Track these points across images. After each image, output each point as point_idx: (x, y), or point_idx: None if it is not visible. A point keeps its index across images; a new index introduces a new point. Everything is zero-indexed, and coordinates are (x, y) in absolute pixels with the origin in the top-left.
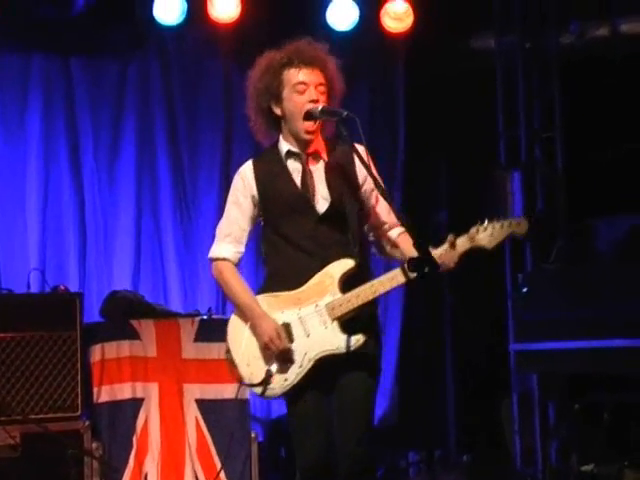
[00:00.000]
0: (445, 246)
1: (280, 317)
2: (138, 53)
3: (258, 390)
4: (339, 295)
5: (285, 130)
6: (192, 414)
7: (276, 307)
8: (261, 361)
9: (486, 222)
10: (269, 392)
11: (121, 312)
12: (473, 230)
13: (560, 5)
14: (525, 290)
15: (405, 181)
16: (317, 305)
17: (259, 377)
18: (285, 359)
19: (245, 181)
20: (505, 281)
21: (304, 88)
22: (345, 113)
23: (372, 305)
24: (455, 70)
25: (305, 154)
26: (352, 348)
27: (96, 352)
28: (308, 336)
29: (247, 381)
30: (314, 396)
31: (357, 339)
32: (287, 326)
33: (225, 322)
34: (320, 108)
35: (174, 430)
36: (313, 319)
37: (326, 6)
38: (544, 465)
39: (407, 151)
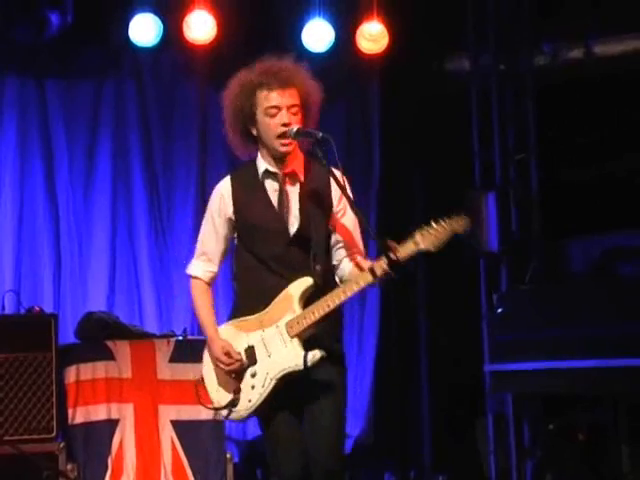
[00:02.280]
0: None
1: (245, 340)
2: (113, 74)
3: (224, 413)
4: (298, 313)
5: (262, 149)
6: (167, 435)
7: (243, 330)
8: (228, 385)
9: (432, 224)
10: (234, 415)
11: (96, 333)
12: (417, 235)
13: (534, 27)
14: (500, 310)
15: (380, 201)
16: (277, 325)
17: (225, 400)
18: (249, 381)
19: (222, 201)
20: (480, 301)
21: (276, 111)
22: (320, 134)
23: (333, 319)
24: (430, 91)
25: (282, 174)
26: (309, 364)
27: (71, 373)
28: (270, 356)
29: (216, 405)
30: (286, 414)
31: (314, 354)
32: (251, 349)
33: (200, 343)
34: (295, 130)
35: (149, 451)
36: (274, 339)
37: (302, 27)
38: None
39: (382, 172)
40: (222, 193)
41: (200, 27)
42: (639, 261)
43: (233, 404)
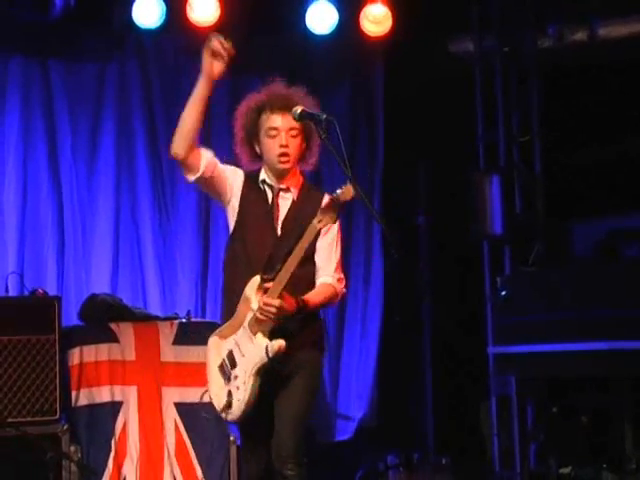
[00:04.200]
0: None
1: (225, 347)
2: (117, 56)
3: (223, 415)
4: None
5: (265, 165)
6: (171, 417)
7: (222, 339)
8: (222, 390)
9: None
10: (230, 417)
11: (100, 315)
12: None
13: (538, 9)
14: (504, 293)
15: (384, 184)
16: (244, 326)
17: (221, 403)
18: (234, 384)
19: (239, 176)
20: (484, 284)
21: (275, 133)
22: (324, 116)
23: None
24: (434, 74)
25: (278, 188)
26: (271, 355)
27: (74, 355)
28: (244, 356)
29: (217, 409)
30: (257, 415)
31: (272, 345)
32: (231, 353)
33: (204, 325)
34: (299, 111)
35: (153, 433)
36: (244, 339)
37: (305, 9)
38: (522, 467)
39: (386, 154)
40: (239, 173)
41: (203, 8)
42: None
43: (229, 406)
